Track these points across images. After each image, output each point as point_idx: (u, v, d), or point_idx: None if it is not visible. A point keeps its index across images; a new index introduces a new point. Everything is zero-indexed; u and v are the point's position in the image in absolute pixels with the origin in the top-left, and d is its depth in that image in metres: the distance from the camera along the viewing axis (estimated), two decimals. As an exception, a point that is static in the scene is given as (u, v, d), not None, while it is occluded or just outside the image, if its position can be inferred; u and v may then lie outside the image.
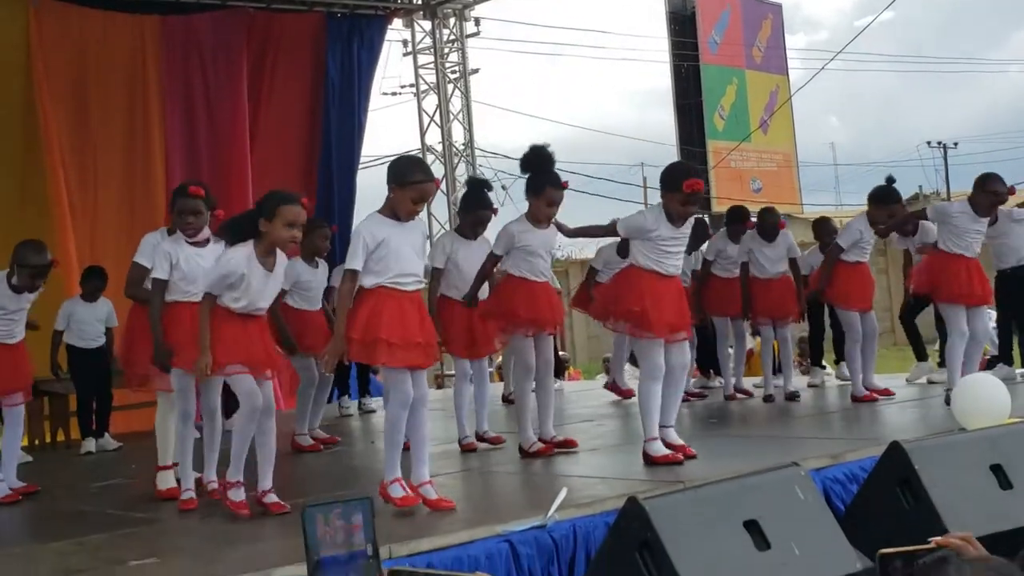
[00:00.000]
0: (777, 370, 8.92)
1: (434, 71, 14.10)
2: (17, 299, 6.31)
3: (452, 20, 14.08)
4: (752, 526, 3.87)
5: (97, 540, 4.77)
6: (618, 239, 7.25)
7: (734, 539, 3.82)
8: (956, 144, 38.09)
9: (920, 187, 36.04)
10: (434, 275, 6.54)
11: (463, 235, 6.74)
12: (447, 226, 13.07)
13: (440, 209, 13.88)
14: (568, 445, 6.38)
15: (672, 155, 19.34)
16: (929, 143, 38.27)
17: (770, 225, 8.42)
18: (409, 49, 14.45)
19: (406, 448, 5.07)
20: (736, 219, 8.88)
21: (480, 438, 6.82)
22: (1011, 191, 7.72)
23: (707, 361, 9.57)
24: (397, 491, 4.83)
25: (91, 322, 8.39)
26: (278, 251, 5.13)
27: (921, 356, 9.27)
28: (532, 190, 6.18)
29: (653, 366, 5.72)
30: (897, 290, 9.72)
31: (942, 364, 8.34)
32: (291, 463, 7.05)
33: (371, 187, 9.05)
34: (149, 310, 5.64)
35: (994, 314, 8.94)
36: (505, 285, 6.37)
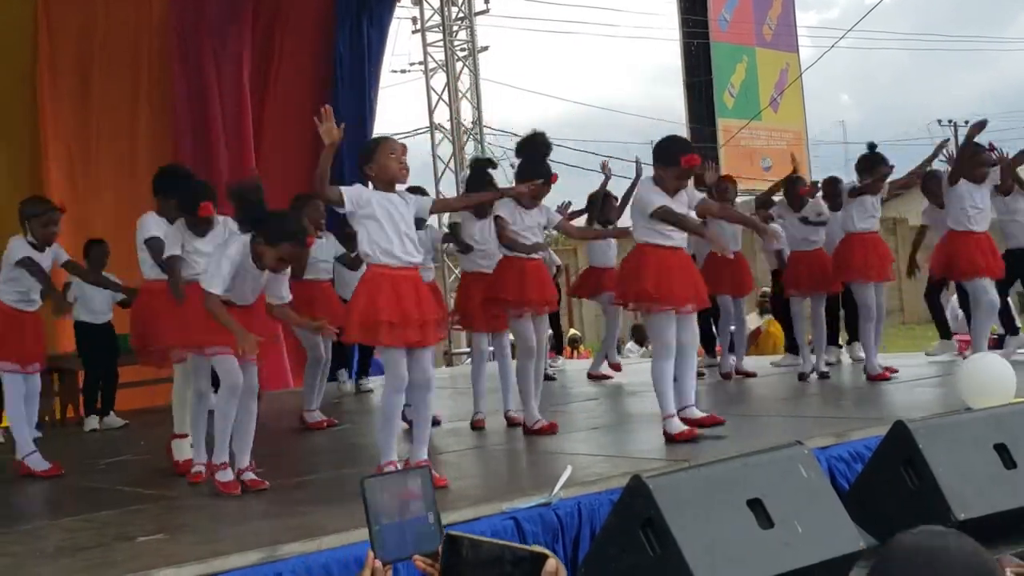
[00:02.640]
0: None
1: (443, 49, 14.06)
2: (40, 256, 6.30)
3: (461, -3, 14.07)
4: (755, 504, 3.87)
5: (105, 516, 4.80)
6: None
7: (737, 517, 3.83)
8: (967, 122, 37.68)
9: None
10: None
11: (475, 214, 6.78)
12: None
13: (449, 188, 13.87)
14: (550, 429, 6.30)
15: (682, 133, 19.25)
16: (940, 121, 38.04)
17: (793, 195, 8.33)
18: (418, 27, 14.41)
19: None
20: (720, 187, 8.81)
21: (506, 417, 6.72)
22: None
23: (709, 339, 9.54)
24: None
25: (100, 292, 8.38)
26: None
27: (945, 334, 9.18)
28: (521, 176, 6.19)
29: (664, 345, 5.72)
30: (904, 268, 9.63)
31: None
32: (298, 440, 7.09)
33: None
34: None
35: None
36: (501, 267, 6.40)
